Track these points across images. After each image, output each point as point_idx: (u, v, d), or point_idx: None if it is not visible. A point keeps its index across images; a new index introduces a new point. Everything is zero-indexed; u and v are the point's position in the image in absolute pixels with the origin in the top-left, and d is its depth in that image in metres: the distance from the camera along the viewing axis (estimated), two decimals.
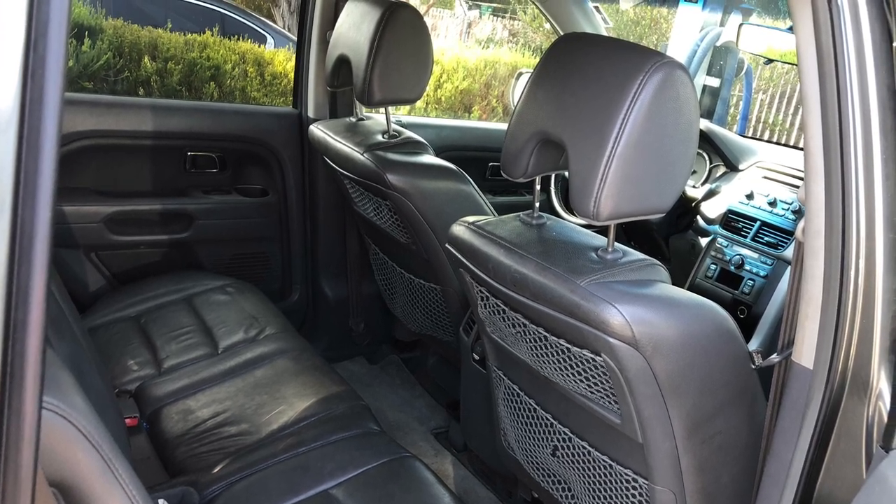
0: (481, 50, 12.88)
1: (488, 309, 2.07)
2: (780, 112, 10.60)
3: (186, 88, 7.94)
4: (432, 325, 3.12)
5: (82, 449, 1.21)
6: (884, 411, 1.37)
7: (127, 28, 8.14)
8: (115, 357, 2.70)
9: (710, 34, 4.10)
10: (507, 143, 1.86)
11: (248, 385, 2.59)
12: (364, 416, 2.49)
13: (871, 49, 1.29)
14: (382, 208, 2.85)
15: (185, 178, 3.46)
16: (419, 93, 2.84)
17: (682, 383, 1.66)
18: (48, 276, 0.93)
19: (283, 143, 3.51)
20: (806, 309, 1.54)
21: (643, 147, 1.56)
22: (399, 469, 2.23)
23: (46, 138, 0.88)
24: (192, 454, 2.31)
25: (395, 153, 2.75)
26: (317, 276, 3.74)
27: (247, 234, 3.59)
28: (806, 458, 1.53)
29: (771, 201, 3.04)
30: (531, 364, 1.99)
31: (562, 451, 2.11)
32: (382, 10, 2.65)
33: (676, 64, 1.57)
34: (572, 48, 1.75)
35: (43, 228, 0.90)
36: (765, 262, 2.96)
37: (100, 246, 3.25)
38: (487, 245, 1.90)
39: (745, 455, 1.85)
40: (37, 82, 0.87)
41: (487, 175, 4.09)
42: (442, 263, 2.75)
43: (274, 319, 3.00)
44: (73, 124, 3.04)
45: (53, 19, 0.87)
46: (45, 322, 0.94)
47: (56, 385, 1.24)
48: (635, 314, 1.57)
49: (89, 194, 3.21)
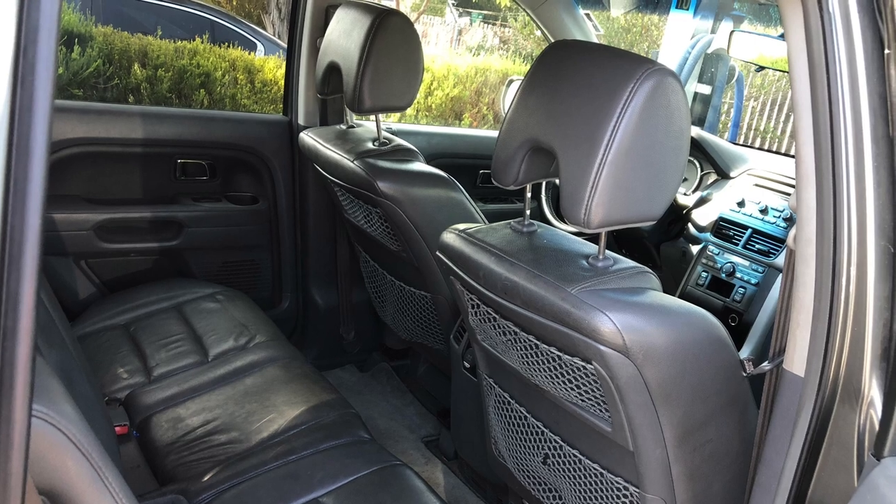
0: (472, 57, 12.91)
1: (479, 317, 2.07)
2: (772, 119, 10.62)
3: (176, 96, 7.92)
4: (423, 332, 3.11)
5: (72, 457, 1.21)
6: (875, 419, 1.36)
7: (117, 35, 8.12)
8: (105, 365, 2.69)
9: (702, 41, 4.11)
10: (497, 150, 1.86)
11: (238, 393, 2.58)
12: (354, 424, 2.48)
13: (863, 56, 1.29)
14: (373, 216, 2.85)
15: (175, 185, 3.45)
16: (409, 100, 2.84)
17: (673, 391, 1.66)
18: (38, 283, 0.93)
19: (274, 150, 3.51)
20: (797, 317, 1.54)
21: (634, 154, 1.56)
22: (389, 477, 2.22)
23: (36, 146, 0.88)
24: (181, 462, 2.30)
25: (385, 161, 2.75)
26: (307, 284, 3.73)
27: (237, 242, 3.58)
28: (797, 467, 1.53)
29: (762, 209, 3.04)
30: (522, 372, 1.99)
31: (553, 459, 2.10)
32: (373, 17, 2.65)
33: (667, 71, 1.57)
34: (563, 55, 1.75)
35: (33, 236, 0.90)
36: (756, 269, 2.96)
37: (89, 254, 3.24)
38: (478, 253, 1.90)
39: (737, 463, 1.85)
40: (26, 89, 0.86)
41: (478, 182, 4.09)
42: (432, 271, 2.74)
43: (264, 327, 2.99)
44: (63, 132, 3.04)
45: (43, 26, 0.87)
46: (35, 330, 0.93)
47: (46, 393, 1.23)
48: (626, 322, 1.57)
49: (79, 202, 3.20)
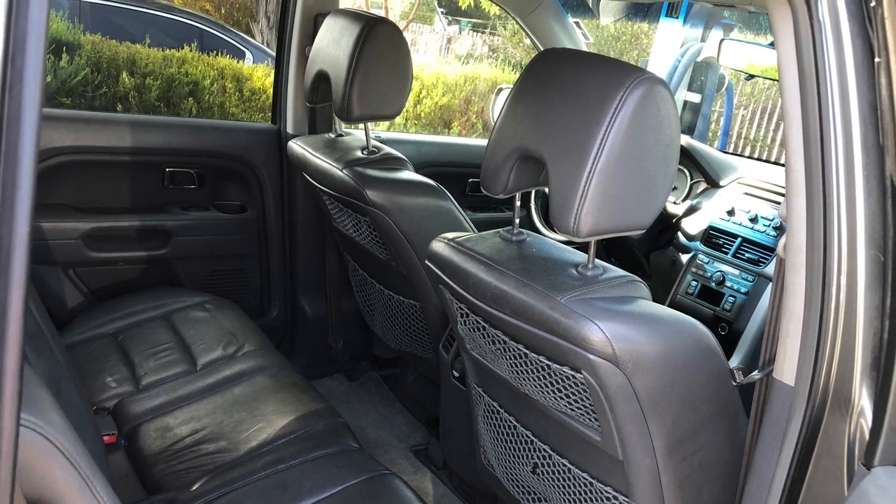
0: (461, 65, 12.93)
1: (468, 326, 2.06)
2: (762, 128, 10.63)
3: (165, 104, 7.91)
4: (412, 341, 3.10)
5: (60, 466, 1.21)
6: (865, 428, 1.36)
7: (105, 44, 8.11)
8: (93, 374, 2.67)
9: (691, 50, 4.12)
10: (486, 158, 1.85)
11: (226, 402, 2.58)
12: (343, 433, 2.47)
13: (853, 65, 1.29)
14: (362, 224, 2.85)
15: (163, 194, 3.44)
16: (398, 109, 2.84)
17: (662, 400, 1.66)
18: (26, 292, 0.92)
19: (262, 159, 3.50)
20: (787, 326, 1.54)
21: (624, 163, 1.56)
22: (378, 487, 2.21)
23: (24, 154, 0.87)
24: (170, 472, 2.29)
25: (374, 169, 2.75)
26: (295, 293, 3.72)
27: (225, 251, 3.57)
28: (787, 476, 1.53)
29: (752, 217, 3.05)
30: (511, 381, 1.98)
31: (542, 468, 2.10)
32: (361, 25, 2.65)
33: (657, 79, 1.58)
34: (553, 64, 1.75)
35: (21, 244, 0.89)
36: (746, 278, 2.97)
37: (78, 262, 3.23)
38: (467, 262, 1.90)
39: (726, 472, 1.85)
40: (14, 97, 0.86)
41: (467, 191, 4.09)
42: (421, 280, 2.74)
43: (253, 336, 2.98)
44: (51, 140, 3.03)
45: (31, 34, 0.86)
46: (23, 339, 0.93)
47: (34, 402, 1.23)
48: (616, 331, 1.57)
49: (67, 210, 3.19)
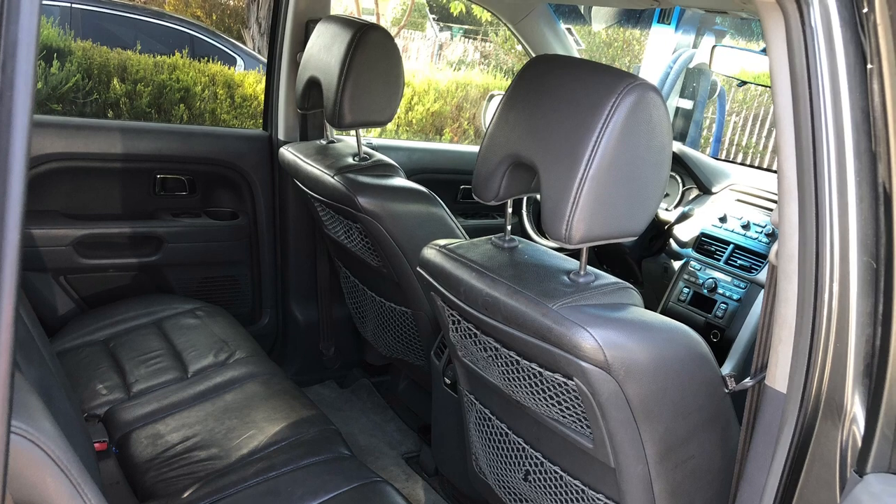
0: (452, 72, 12.92)
1: (460, 332, 2.06)
2: (754, 134, 10.66)
3: (156, 111, 7.91)
4: (403, 348, 3.10)
5: (51, 474, 1.21)
6: (858, 435, 1.36)
7: (96, 50, 8.11)
8: (84, 381, 2.67)
9: (683, 56, 4.13)
10: (478, 165, 1.85)
11: (217, 409, 2.57)
12: (335, 440, 2.47)
13: (845, 71, 1.29)
14: (353, 231, 2.84)
15: (154, 200, 3.44)
16: (390, 115, 2.84)
17: (654, 407, 1.65)
18: (17, 299, 0.92)
19: (253, 165, 3.50)
20: (779, 333, 1.54)
21: (615, 170, 1.56)
22: (370, 494, 2.21)
23: (15, 161, 0.87)
24: (161, 479, 2.28)
25: (365, 176, 2.74)
26: (287, 300, 3.72)
27: (216, 258, 3.57)
28: (779, 483, 1.53)
29: (744, 224, 3.05)
30: (503, 388, 1.98)
31: (534, 475, 2.09)
32: (353, 31, 2.65)
33: (649, 86, 1.58)
34: (544, 70, 1.75)
35: (11, 251, 0.89)
36: (738, 285, 2.97)
37: (69, 269, 3.22)
38: (459, 268, 1.90)
39: (719, 480, 1.84)
40: (5, 104, 0.86)
41: (459, 198, 4.09)
42: (413, 287, 2.74)
43: (244, 343, 2.98)
44: (42, 147, 3.02)
45: (22, 41, 0.86)
46: (14, 346, 0.93)
47: (25, 409, 1.22)
48: (608, 338, 1.57)
49: (58, 217, 3.18)
